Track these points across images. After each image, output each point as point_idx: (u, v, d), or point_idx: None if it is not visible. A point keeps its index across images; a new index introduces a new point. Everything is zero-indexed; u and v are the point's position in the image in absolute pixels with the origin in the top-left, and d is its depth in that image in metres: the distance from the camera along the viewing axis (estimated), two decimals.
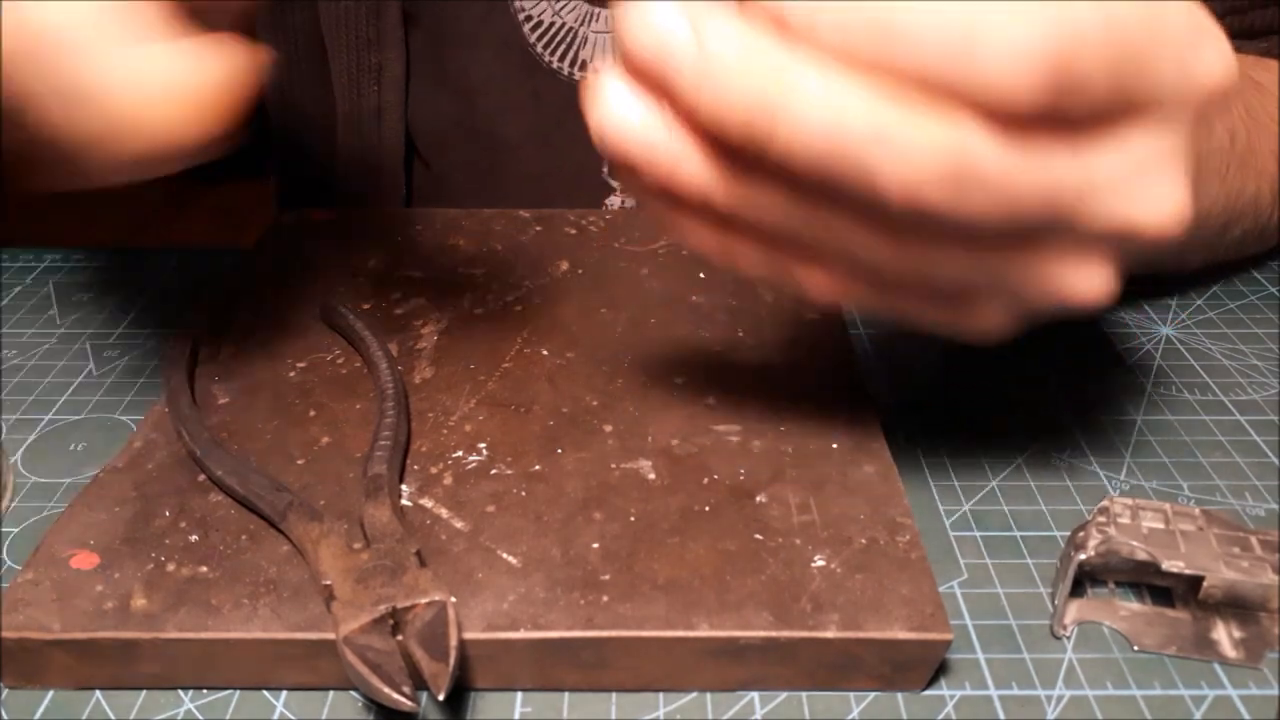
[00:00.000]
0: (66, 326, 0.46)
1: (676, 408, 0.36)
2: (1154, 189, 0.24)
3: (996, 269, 0.25)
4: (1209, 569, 0.28)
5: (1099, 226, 0.24)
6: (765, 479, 0.33)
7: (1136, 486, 0.36)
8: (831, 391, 0.37)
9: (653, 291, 0.44)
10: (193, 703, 0.28)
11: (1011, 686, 0.29)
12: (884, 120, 0.21)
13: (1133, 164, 0.23)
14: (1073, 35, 0.20)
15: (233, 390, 0.38)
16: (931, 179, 0.22)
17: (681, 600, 0.28)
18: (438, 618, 0.26)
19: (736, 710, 0.28)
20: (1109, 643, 0.30)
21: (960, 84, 0.21)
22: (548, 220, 0.50)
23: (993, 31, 0.20)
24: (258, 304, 0.43)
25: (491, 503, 0.32)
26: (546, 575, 0.29)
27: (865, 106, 0.21)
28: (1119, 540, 0.29)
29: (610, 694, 0.29)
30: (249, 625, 0.28)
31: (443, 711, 0.28)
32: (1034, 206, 0.23)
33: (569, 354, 0.40)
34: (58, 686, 0.29)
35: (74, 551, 0.30)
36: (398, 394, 0.35)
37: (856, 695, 0.28)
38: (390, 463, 0.32)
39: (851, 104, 0.21)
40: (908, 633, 0.27)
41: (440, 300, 0.43)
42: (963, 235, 0.24)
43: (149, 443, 0.35)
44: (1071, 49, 0.20)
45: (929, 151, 0.21)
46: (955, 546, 0.33)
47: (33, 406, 0.40)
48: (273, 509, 0.30)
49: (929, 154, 0.21)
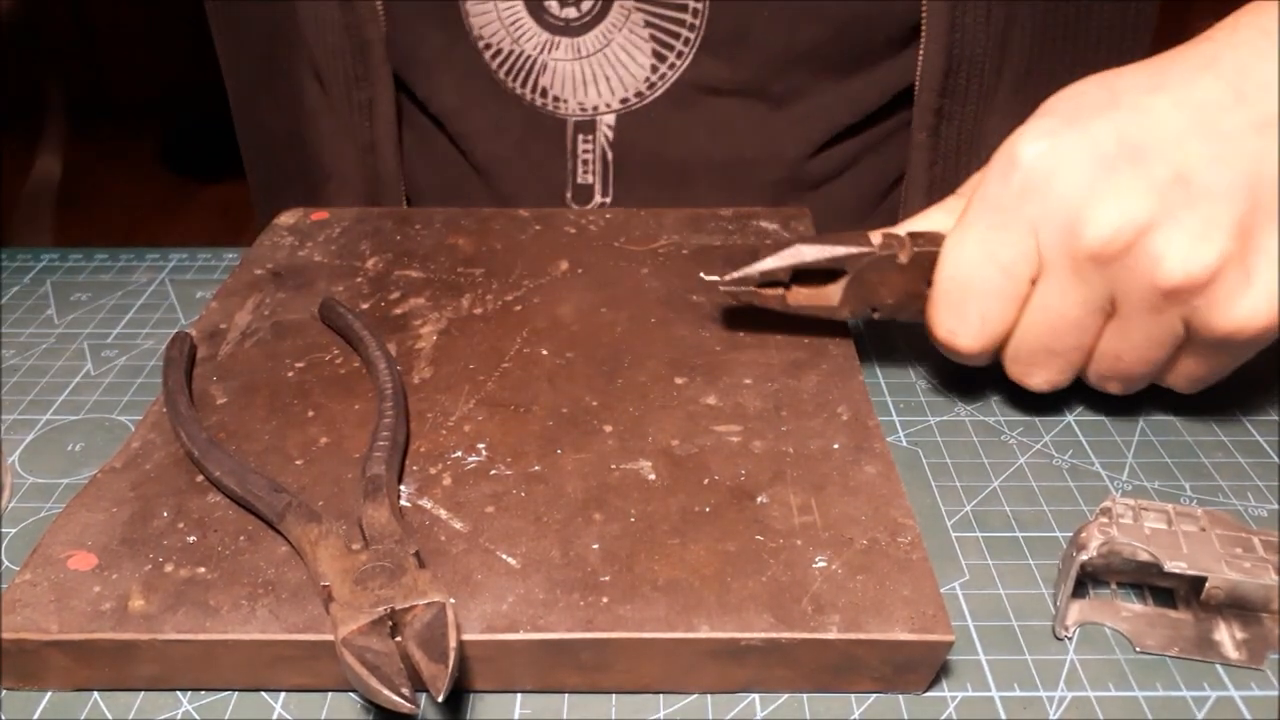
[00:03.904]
0: (64, 326, 0.46)
1: (676, 408, 0.36)
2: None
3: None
4: (1211, 570, 0.28)
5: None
6: (766, 480, 0.33)
7: (1139, 487, 0.36)
8: (832, 392, 0.37)
9: (653, 291, 0.44)
10: (191, 704, 0.28)
11: (1013, 688, 0.29)
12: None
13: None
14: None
15: (231, 390, 0.37)
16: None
17: (682, 601, 0.28)
18: (437, 619, 0.26)
19: (737, 712, 0.28)
20: (1111, 644, 0.30)
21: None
22: (547, 220, 0.49)
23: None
24: (256, 304, 0.43)
25: (491, 503, 0.32)
26: (546, 576, 0.29)
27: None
28: (1121, 541, 0.29)
29: (610, 696, 0.29)
30: (247, 626, 0.28)
31: (442, 713, 0.28)
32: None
33: (569, 354, 0.39)
34: (56, 688, 0.29)
35: (72, 552, 0.30)
36: (396, 394, 0.35)
37: (857, 697, 0.28)
38: (389, 463, 0.32)
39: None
40: (909, 634, 0.27)
41: (440, 300, 0.43)
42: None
43: (147, 443, 0.34)
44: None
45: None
46: (957, 547, 0.33)
47: (30, 407, 0.40)
48: (271, 510, 0.30)
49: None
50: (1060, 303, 0.35)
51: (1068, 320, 0.35)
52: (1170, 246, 0.32)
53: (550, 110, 0.52)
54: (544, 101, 0.52)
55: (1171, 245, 0.32)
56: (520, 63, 0.51)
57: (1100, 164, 0.33)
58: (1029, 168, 0.34)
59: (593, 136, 0.52)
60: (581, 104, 0.52)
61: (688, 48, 0.50)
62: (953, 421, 0.39)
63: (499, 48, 0.51)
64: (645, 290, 0.44)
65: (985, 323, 0.36)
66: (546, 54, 0.50)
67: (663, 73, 0.50)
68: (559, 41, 0.50)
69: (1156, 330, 0.34)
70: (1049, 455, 0.37)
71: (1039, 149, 0.34)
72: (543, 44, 0.50)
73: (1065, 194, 0.33)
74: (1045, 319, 0.35)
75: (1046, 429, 0.39)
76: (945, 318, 0.37)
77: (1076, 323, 0.35)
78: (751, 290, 0.39)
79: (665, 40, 0.50)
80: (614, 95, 0.51)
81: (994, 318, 0.36)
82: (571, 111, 0.52)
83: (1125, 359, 0.35)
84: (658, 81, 0.51)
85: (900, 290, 0.38)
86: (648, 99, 0.51)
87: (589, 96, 0.51)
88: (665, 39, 0.50)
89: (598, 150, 0.53)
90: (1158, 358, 0.35)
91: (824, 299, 0.39)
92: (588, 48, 0.50)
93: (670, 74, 0.50)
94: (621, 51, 0.50)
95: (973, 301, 0.36)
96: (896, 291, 0.38)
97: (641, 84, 0.51)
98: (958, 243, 0.36)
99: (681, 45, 0.50)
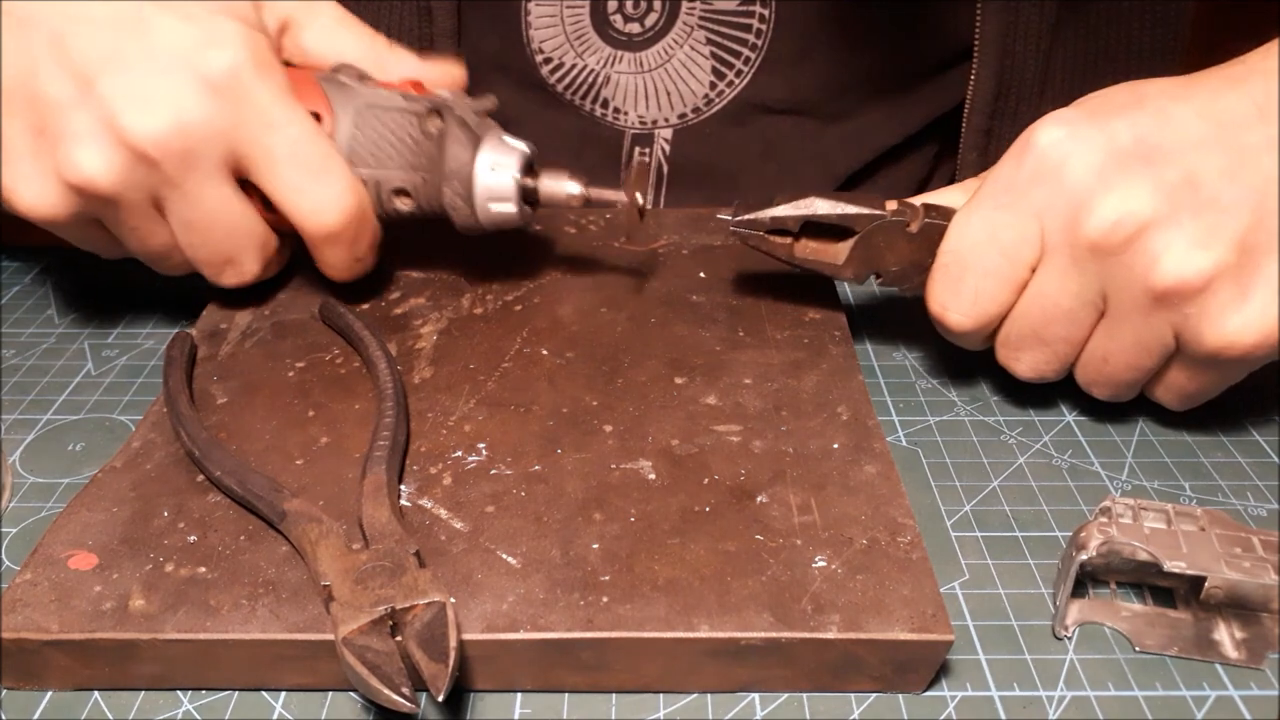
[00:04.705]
0: (65, 326, 0.46)
1: (676, 408, 0.36)
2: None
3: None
4: (1211, 569, 0.28)
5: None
6: (766, 479, 0.33)
7: (1138, 487, 0.36)
8: (832, 392, 0.37)
9: (653, 291, 0.44)
10: (191, 704, 0.28)
11: (1013, 687, 0.29)
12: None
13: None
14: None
15: (231, 390, 0.37)
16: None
17: (682, 601, 0.28)
18: (437, 618, 0.26)
19: (737, 711, 0.28)
20: (1111, 643, 0.30)
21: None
22: (547, 220, 0.49)
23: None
24: (256, 304, 0.43)
25: (491, 503, 0.32)
26: (546, 576, 0.29)
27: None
28: (1121, 540, 0.29)
29: (610, 695, 0.29)
30: (248, 626, 0.28)
31: (442, 712, 0.28)
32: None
33: (569, 354, 0.39)
34: (56, 687, 0.29)
35: (72, 552, 0.30)
36: (397, 394, 0.35)
37: (857, 696, 0.28)
38: (389, 463, 0.32)
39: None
40: (909, 634, 0.27)
41: (440, 300, 0.43)
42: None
43: (147, 443, 0.35)
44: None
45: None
46: (957, 547, 0.33)
47: (31, 406, 0.40)
48: (271, 509, 0.30)
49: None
50: (1055, 290, 0.35)
51: (1060, 309, 0.35)
52: (1168, 248, 0.32)
53: (610, 121, 0.52)
54: (604, 112, 0.52)
55: (1169, 247, 0.32)
56: (581, 75, 0.51)
57: (1113, 158, 0.33)
58: (1042, 153, 0.34)
59: (650, 149, 0.53)
60: (641, 117, 0.52)
61: (748, 66, 0.50)
62: (952, 421, 0.39)
63: (559, 61, 0.51)
64: (645, 290, 0.44)
65: (978, 301, 0.36)
66: (609, 67, 0.51)
67: (721, 89, 0.51)
68: (621, 56, 0.51)
69: (1146, 334, 0.34)
70: (1048, 455, 0.37)
71: (1055, 136, 0.34)
72: (605, 58, 0.51)
73: (1073, 182, 0.33)
74: (1039, 305, 0.35)
75: (1046, 429, 0.39)
76: (940, 291, 0.37)
77: (1068, 313, 0.35)
78: (760, 235, 0.39)
79: (726, 59, 0.50)
80: (673, 110, 0.52)
81: (987, 297, 0.36)
82: (631, 124, 0.52)
83: (1112, 362, 0.36)
84: (715, 98, 0.51)
85: (906, 259, 0.38)
86: (704, 114, 0.52)
87: (649, 110, 0.52)
88: (726, 57, 0.50)
89: (654, 162, 0.54)
90: (1144, 365, 0.35)
91: (830, 255, 0.39)
92: (650, 62, 0.50)
93: (729, 91, 0.51)
94: (682, 68, 0.50)
95: (969, 278, 0.36)
96: (902, 259, 0.38)
97: (700, 100, 0.51)
98: (964, 219, 0.36)
99: (741, 64, 0.50)
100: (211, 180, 0.37)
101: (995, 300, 0.36)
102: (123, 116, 0.35)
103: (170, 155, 0.35)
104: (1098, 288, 0.34)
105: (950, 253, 0.36)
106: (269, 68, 0.37)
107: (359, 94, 0.40)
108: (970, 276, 0.36)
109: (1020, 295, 0.36)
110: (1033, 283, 0.35)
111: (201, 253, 0.39)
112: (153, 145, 0.35)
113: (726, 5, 0.49)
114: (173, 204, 0.37)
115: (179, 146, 0.35)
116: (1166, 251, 0.32)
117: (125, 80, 0.35)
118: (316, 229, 0.39)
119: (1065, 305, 0.35)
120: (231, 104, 0.36)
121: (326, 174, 0.38)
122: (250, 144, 0.37)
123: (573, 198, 0.41)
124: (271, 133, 0.37)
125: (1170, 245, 0.32)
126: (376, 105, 0.40)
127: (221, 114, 0.36)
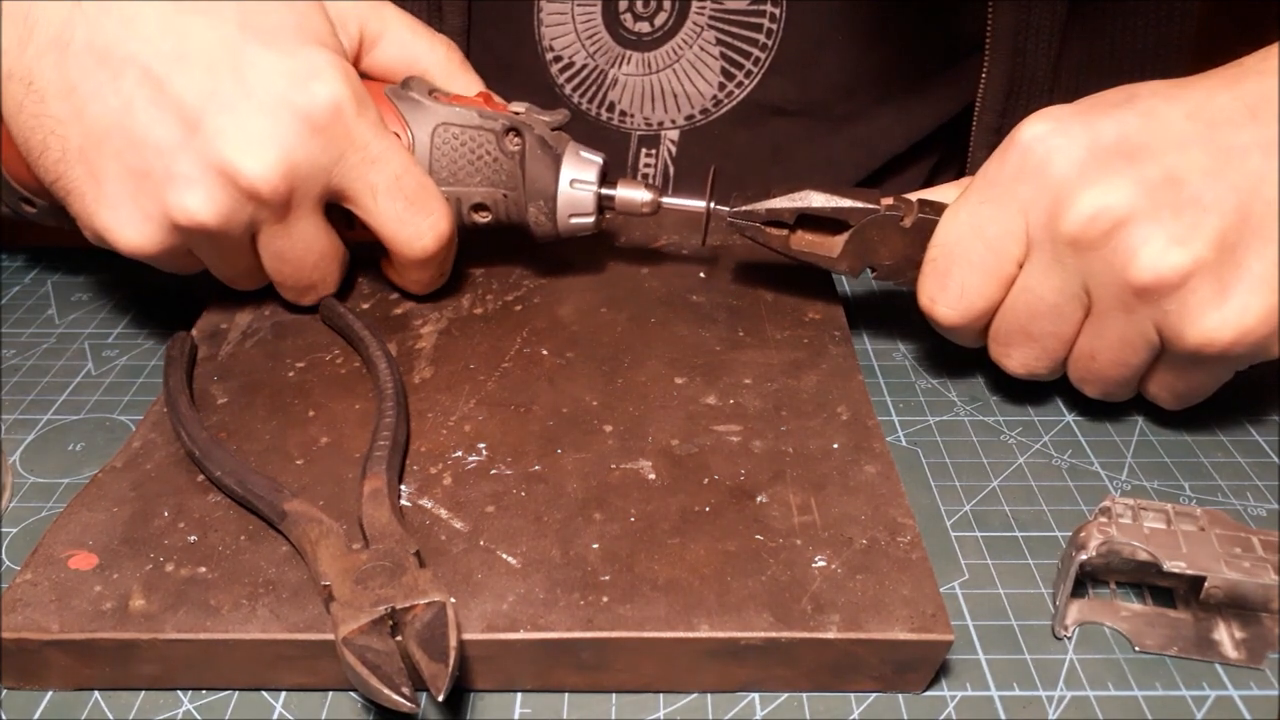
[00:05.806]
0: (65, 326, 0.46)
1: (676, 408, 0.36)
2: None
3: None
4: (1211, 569, 0.28)
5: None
6: (766, 479, 0.33)
7: (1138, 486, 0.36)
8: (832, 392, 0.37)
9: (653, 291, 0.44)
10: (191, 703, 0.28)
11: (1013, 687, 0.29)
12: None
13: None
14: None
15: (231, 390, 0.37)
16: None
17: (682, 601, 0.28)
18: (437, 618, 0.26)
19: (737, 711, 0.28)
20: (1110, 643, 0.30)
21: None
22: None
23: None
24: (257, 304, 0.43)
25: (491, 503, 0.32)
26: (546, 576, 0.29)
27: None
28: (1120, 540, 0.29)
29: (610, 695, 0.29)
30: (248, 626, 0.28)
31: (442, 712, 0.28)
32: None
33: (569, 354, 0.39)
34: (56, 687, 0.29)
35: (72, 552, 0.30)
36: (397, 394, 0.35)
37: (857, 696, 0.28)
38: (389, 463, 0.32)
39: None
40: (909, 633, 0.27)
41: (440, 300, 0.43)
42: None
43: (148, 443, 0.35)
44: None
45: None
46: (956, 547, 0.33)
47: (31, 406, 0.40)
48: (272, 509, 0.30)
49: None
50: (1039, 285, 0.35)
51: (1045, 304, 0.35)
52: (1145, 243, 0.32)
53: (616, 125, 0.52)
54: (610, 116, 0.52)
55: (1147, 242, 0.32)
56: (590, 75, 0.51)
57: (1095, 154, 0.33)
58: (1026, 148, 0.34)
59: (656, 150, 0.53)
60: (647, 119, 0.52)
61: (757, 67, 0.50)
62: (952, 421, 0.39)
63: (569, 60, 0.51)
64: (645, 290, 0.44)
65: (965, 295, 0.36)
66: (616, 68, 0.51)
67: (730, 90, 0.51)
68: (629, 55, 0.51)
69: (1129, 331, 0.34)
70: (1048, 455, 0.37)
71: (1040, 131, 0.34)
72: (614, 58, 0.51)
73: (1055, 177, 0.33)
74: (1025, 300, 0.36)
75: (1046, 429, 0.39)
76: (928, 285, 0.37)
77: (1054, 308, 0.35)
78: (757, 226, 0.40)
79: (735, 60, 0.50)
80: (680, 112, 0.52)
81: (973, 291, 0.36)
82: (637, 126, 0.52)
83: (1099, 359, 0.36)
84: (724, 99, 0.51)
85: (899, 253, 0.39)
86: (713, 116, 0.52)
87: (655, 112, 0.52)
88: (735, 58, 0.50)
89: (660, 164, 0.53)
90: (1131, 362, 0.35)
91: (825, 248, 0.40)
92: (657, 63, 0.50)
93: (737, 92, 0.51)
94: (690, 68, 0.50)
95: (956, 272, 0.36)
96: (896, 254, 0.39)
97: (708, 101, 0.51)
98: (952, 214, 0.36)
99: (751, 65, 0.50)
100: (311, 215, 0.38)
101: (982, 294, 0.36)
102: (231, 158, 0.34)
103: (278, 194, 0.36)
104: (1080, 283, 0.34)
105: (938, 246, 0.37)
106: (364, 101, 0.37)
107: (434, 111, 0.40)
108: (957, 270, 0.36)
109: (1008, 290, 0.36)
110: (1019, 278, 0.36)
111: (290, 279, 0.40)
112: (263, 185, 0.35)
113: (737, 5, 0.49)
114: (269, 237, 0.38)
115: (286, 186, 0.36)
116: (1144, 246, 0.32)
117: (230, 120, 0.35)
118: (416, 255, 0.39)
119: (1050, 300, 0.35)
120: (334, 140, 0.36)
121: (425, 203, 0.39)
122: (354, 180, 0.37)
123: (646, 204, 0.41)
124: (374, 168, 0.37)
125: (1148, 241, 0.32)
126: (453, 123, 0.40)
127: (326, 152, 0.36)
